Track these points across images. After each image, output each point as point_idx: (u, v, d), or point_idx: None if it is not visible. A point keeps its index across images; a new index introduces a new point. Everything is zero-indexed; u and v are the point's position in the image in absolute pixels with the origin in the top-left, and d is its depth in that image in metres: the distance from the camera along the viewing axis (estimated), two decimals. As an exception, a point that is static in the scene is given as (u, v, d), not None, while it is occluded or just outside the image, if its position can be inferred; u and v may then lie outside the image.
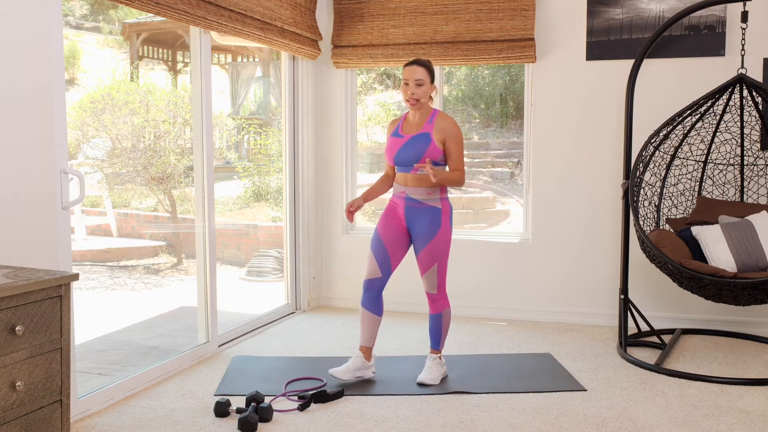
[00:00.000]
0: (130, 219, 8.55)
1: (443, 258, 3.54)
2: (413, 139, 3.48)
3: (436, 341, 3.67)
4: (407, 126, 3.56)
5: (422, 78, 3.44)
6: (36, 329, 2.23)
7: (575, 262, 4.91)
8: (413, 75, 3.44)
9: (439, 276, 3.55)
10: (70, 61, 12.74)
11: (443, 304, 3.62)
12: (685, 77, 4.61)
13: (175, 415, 3.21)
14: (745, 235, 3.99)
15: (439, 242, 3.51)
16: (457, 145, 3.46)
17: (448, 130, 3.46)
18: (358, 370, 3.62)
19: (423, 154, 3.44)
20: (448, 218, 3.55)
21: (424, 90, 3.46)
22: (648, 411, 3.26)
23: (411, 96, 3.44)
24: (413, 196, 3.53)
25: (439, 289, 3.57)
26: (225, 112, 10.47)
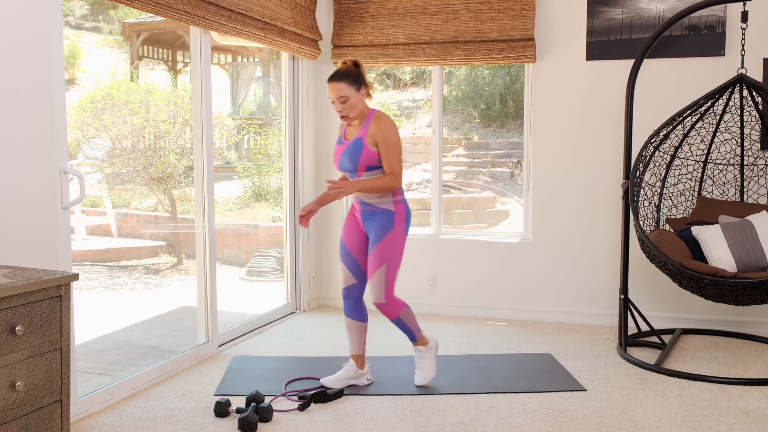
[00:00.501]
0: (130, 219, 8.55)
1: (392, 261, 3.36)
2: (350, 146, 3.36)
3: (411, 336, 3.54)
4: (349, 131, 3.45)
5: (345, 94, 3.27)
6: (36, 329, 2.23)
7: (575, 262, 4.91)
8: (335, 93, 3.28)
9: (387, 280, 3.36)
10: (70, 61, 12.74)
11: (395, 309, 3.42)
12: (685, 77, 4.61)
13: (175, 415, 3.21)
14: (745, 235, 3.99)
15: (388, 243, 3.35)
16: (388, 147, 3.29)
17: (378, 132, 3.29)
18: (350, 380, 3.57)
19: (359, 160, 3.33)
20: (403, 222, 3.40)
21: (351, 102, 3.30)
22: (648, 411, 3.26)
23: (340, 113, 3.33)
24: (365, 200, 3.43)
25: (386, 295, 3.37)
26: (225, 112, 10.47)
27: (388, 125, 3.31)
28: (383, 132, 3.30)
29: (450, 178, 9.16)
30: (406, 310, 3.48)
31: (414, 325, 3.52)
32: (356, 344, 3.58)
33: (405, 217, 3.42)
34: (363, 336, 3.58)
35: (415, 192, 8.68)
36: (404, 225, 3.42)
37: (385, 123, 3.32)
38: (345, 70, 3.32)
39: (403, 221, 3.41)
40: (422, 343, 3.58)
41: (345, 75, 3.29)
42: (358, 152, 3.33)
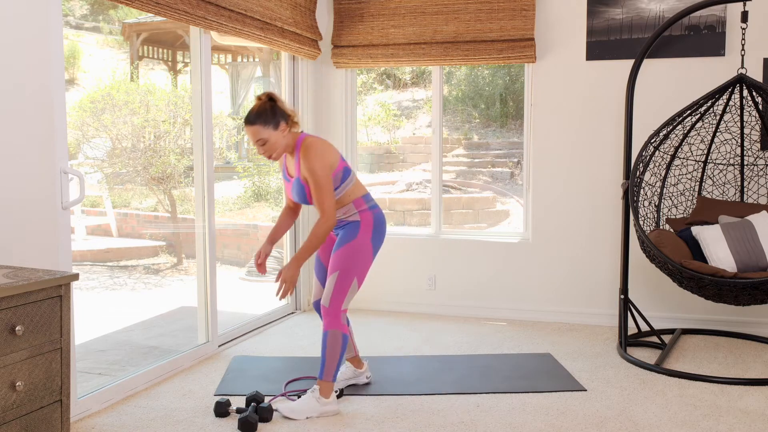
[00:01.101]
0: (130, 219, 8.55)
1: (346, 271, 3.16)
2: (294, 183, 3.20)
3: (321, 366, 3.20)
4: (289, 166, 3.25)
5: (262, 136, 3.04)
6: (36, 329, 2.23)
7: (575, 262, 4.91)
8: (252, 137, 3.06)
9: (336, 287, 3.16)
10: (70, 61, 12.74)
11: (332, 322, 3.17)
12: (685, 77, 4.61)
13: (175, 415, 3.21)
14: (745, 235, 3.99)
15: (346, 252, 3.17)
16: (313, 183, 3.06)
17: (303, 168, 3.09)
18: (349, 380, 3.56)
19: (306, 197, 3.17)
20: (369, 231, 3.21)
21: (272, 143, 3.06)
22: (648, 411, 3.26)
23: (263, 155, 3.12)
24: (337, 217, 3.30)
25: (331, 302, 3.17)
26: (225, 112, 10.47)
27: (312, 157, 3.05)
28: (308, 166, 3.06)
29: (450, 178, 9.16)
30: (337, 333, 3.17)
31: (331, 358, 3.18)
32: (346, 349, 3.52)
33: (372, 226, 3.23)
34: (350, 341, 3.52)
35: (415, 192, 8.69)
36: (370, 234, 3.22)
37: (308, 155, 3.06)
38: (258, 109, 3.07)
39: (369, 231, 3.22)
40: (325, 389, 3.20)
41: (258, 116, 3.05)
42: (302, 191, 3.17)
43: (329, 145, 3.16)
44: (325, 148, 3.11)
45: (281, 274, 3.06)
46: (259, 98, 3.13)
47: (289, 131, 3.14)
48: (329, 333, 3.18)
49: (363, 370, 3.60)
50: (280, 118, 3.08)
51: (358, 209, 3.24)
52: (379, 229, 3.27)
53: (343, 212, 3.24)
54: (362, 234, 3.21)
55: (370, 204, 3.29)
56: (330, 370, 3.19)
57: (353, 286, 3.19)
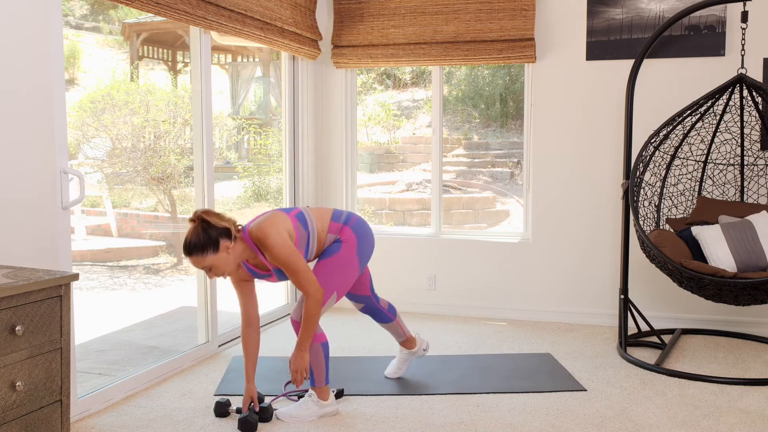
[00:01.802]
0: (130, 219, 8.55)
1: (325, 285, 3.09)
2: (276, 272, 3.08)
3: (310, 378, 3.18)
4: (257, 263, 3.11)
5: (206, 264, 2.86)
6: (36, 329, 2.23)
7: (575, 262, 4.91)
8: (196, 266, 2.89)
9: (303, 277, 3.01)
10: (70, 61, 12.74)
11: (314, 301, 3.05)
12: (685, 77, 4.61)
13: (175, 415, 3.21)
14: (745, 235, 3.99)
15: (329, 266, 3.11)
16: (285, 266, 2.93)
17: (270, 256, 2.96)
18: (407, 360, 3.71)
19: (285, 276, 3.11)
20: (352, 248, 3.15)
21: (218, 265, 2.88)
22: (648, 411, 3.26)
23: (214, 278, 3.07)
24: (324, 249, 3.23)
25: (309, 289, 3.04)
26: (225, 112, 10.46)
27: (270, 244, 2.91)
28: (272, 255, 2.92)
29: (450, 178, 9.17)
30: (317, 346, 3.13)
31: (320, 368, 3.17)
32: (396, 335, 3.64)
33: (355, 241, 3.17)
34: (399, 328, 3.61)
35: (415, 192, 8.69)
36: (354, 249, 3.16)
37: (266, 244, 2.91)
38: (192, 240, 2.85)
39: (353, 246, 3.16)
40: (322, 393, 3.20)
41: (194, 247, 2.84)
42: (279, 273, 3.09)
43: (272, 216, 3.01)
44: (272, 224, 2.96)
45: (291, 365, 3.02)
46: (191, 220, 2.90)
47: (234, 244, 2.92)
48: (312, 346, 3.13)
49: (416, 348, 3.70)
50: (218, 237, 2.86)
51: (335, 233, 3.18)
52: (364, 239, 3.21)
53: (326, 244, 3.19)
54: (345, 250, 3.14)
55: (343, 219, 3.21)
56: (320, 377, 3.18)
57: (332, 299, 3.13)
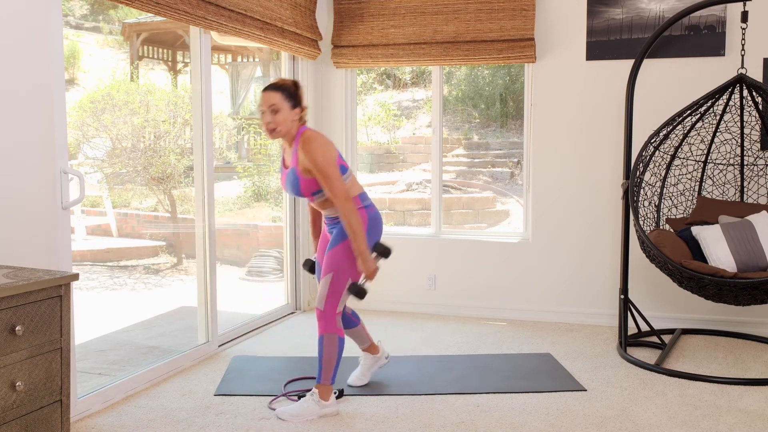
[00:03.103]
0: (130, 219, 8.55)
1: (341, 272, 3.13)
2: (288, 174, 3.16)
3: (318, 370, 3.20)
4: (286, 155, 3.24)
5: (277, 103, 3.03)
6: (36, 329, 2.23)
7: (575, 262, 4.91)
8: (267, 101, 3.04)
9: (330, 289, 3.14)
10: (70, 61, 12.73)
11: (328, 326, 3.15)
12: (685, 77, 4.61)
13: (175, 415, 3.21)
14: (745, 235, 3.99)
15: (341, 251, 3.14)
16: (321, 172, 3.02)
17: (306, 160, 3.05)
18: (371, 367, 3.64)
19: (300, 189, 3.13)
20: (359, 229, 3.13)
21: (283, 116, 3.04)
22: (648, 411, 3.26)
23: (267, 125, 3.06)
24: (329, 216, 3.27)
25: (326, 305, 3.15)
26: (225, 112, 10.46)
27: (313, 148, 3.03)
28: (311, 157, 3.02)
29: (450, 178, 9.17)
30: (333, 337, 3.15)
31: (328, 362, 3.17)
32: (360, 341, 3.61)
33: (367, 224, 3.17)
34: (363, 333, 3.59)
35: (415, 192, 8.69)
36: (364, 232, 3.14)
37: (310, 147, 3.03)
38: (282, 83, 3.11)
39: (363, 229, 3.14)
40: (324, 392, 3.19)
41: (281, 88, 3.08)
42: (297, 182, 3.12)
43: (329, 140, 3.16)
44: (326, 141, 3.11)
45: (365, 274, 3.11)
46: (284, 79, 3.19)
47: (298, 119, 3.13)
48: (325, 337, 3.16)
49: (380, 354, 3.66)
50: (299, 103, 3.12)
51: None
52: (375, 227, 3.22)
53: (336, 211, 3.20)
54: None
55: (366, 203, 3.23)
56: (328, 374, 3.18)
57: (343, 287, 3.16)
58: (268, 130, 3.08)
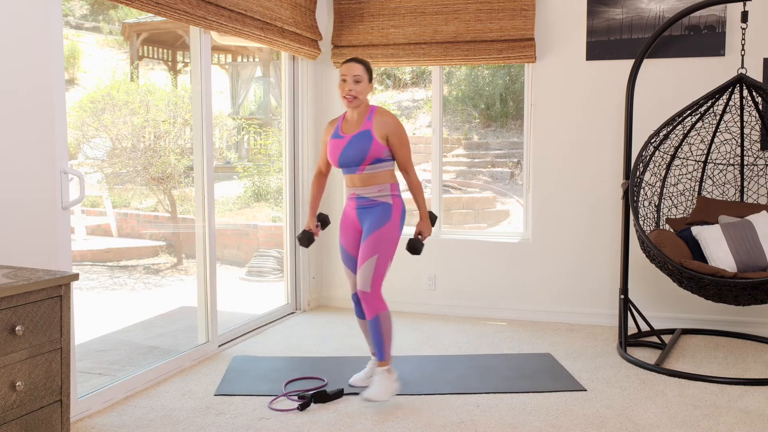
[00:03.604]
0: (130, 219, 8.55)
1: (385, 253, 3.31)
2: (355, 138, 3.34)
3: (380, 350, 3.36)
4: (346, 126, 3.42)
5: (360, 74, 3.32)
6: (36, 329, 2.23)
7: (575, 262, 4.91)
8: (351, 71, 3.31)
9: (376, 271, 3.29)
10: (70, 61, 12.73)
11: (378, 305, 3.32)
12: (685, 77, 4.61)
13: (175, 415, 3.21)
14: (745, 235, 3.99)
15: (383, 234, 3.32)
16: (400, 140, 3.34)
17: (388, 123, 3.32)
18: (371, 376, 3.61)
19: (367, 152, 3.30)
20: (399, 215, 3.40)
21: (363, 87, 3.33)
22: (648, 411, 3.26)
23: (348, 92, 3.31)
24: (364, 195, 3.40)
25: (373, 286, 3.30)
26: (225, 112, 10.46)
27: (396, 120, 3.35)
28: (394, 123, 3.34)
29: (450, 178, 9.16)
30: (386, 313, 3.35)
31: (388, 338, 3.36)
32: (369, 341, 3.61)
33: (401, 212, 3.41)
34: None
35: (415, 192, 8.66)
36: (400, 219, 3.41)
37: (392, 117, 3.36)
38: (363, 59, 3.42)
39: (400, 215, 3.40)
40: (390, 367, 3.42)
41: (363, 62, 3.38)
42: (367, 144, 3.30)
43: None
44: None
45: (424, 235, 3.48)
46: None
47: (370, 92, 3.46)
48: (380, 316, 3.33)
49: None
50: (371, 78, 3.41)
51: (392, 192, 3.41)
52: (404, 216, 3.45)
53: (378, 189, 3.38)
54: (395, 217, 3.38)
55: (400, 192, 3.47)
56: (389, 350, 3.39)
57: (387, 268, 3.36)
58: (348, 96, 3.33)
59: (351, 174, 3.41)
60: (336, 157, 3.40)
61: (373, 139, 3.31)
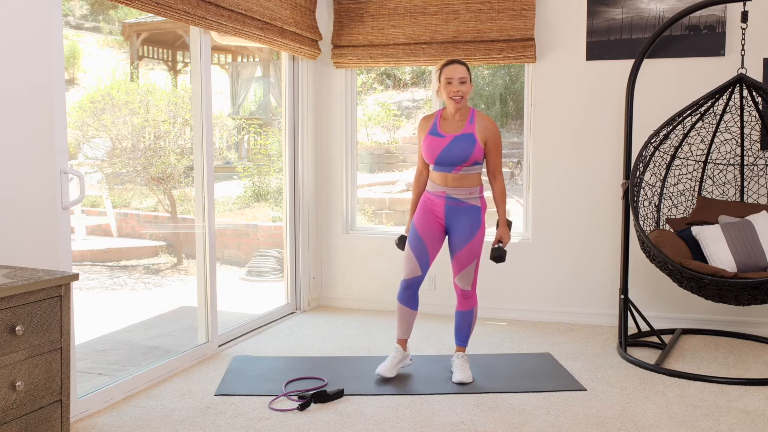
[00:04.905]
0: (130, 219, 8.55)
1: (479, 256, 3.60)
2: (457, 140, 3.48)
3: (465, 338, 3.71)
4: (445, 125, 3.55)
5: (465, 76, 3.48)
6: (36, 329, 2.23)
7: (575, 262, 4.91)
8: (456, 73, 3.46)
9: (475, 273, 3.61)
10: (70, 61, 12.73)
11: (475, 300, 3.67)
12: (685, 77, 4.61)
13: (175, 415, 3.21)
14: (745, 235, 3.99)
15: (478, 241, 3.56)
16: (497, 147, 3.52)
17: (490, 129, 3.51)
18: (400, 363, 3.73)
19: (470, 154, 3.46)
20: (484, 216, 3.61)
21: (467, 88, 3.49)
22: (648, 411, 3.26)
23: (456, 93, 3.45)
24: (454, 196, 3.55)
25: (473, 286, 3.62)
26: (225, 112, 10.46)
27: (496, 126, 3.54)
28: (495, 130, 3.51)
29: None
30: (477, 307, 3.72)
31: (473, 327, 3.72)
32: (406, 329, 3.73)
33: (485, 210, 3.62)
34: (412, 323, 3.75)
35: (415, 192, 8.66)
36: (485, 219, 3.63)
37: (494, 123, 3.53)
38: (464, 61, 3.56)
39: (484, 216, 3.62)
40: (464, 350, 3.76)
41: (465, 64, 3.52)
42: (471, 146, 3.46)
43: None
44: None
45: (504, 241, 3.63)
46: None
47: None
48: (475, 309, 3.68)
49: (407, 353, 3.80)
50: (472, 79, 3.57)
51: (480, 195, 3.61)
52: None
53: (469, 192, 3.55)
54: (483, 220, 3.59)
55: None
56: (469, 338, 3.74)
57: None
58: (456, 97, 3.46)
59: (445, 173, 3.53)
60: (435, 155, 3.51)
61: (476, 142, 3.47)
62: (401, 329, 3.73)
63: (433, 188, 3.60)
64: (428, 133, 3.56)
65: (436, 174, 3.57)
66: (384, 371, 3.67)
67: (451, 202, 3.55)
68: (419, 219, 3.62)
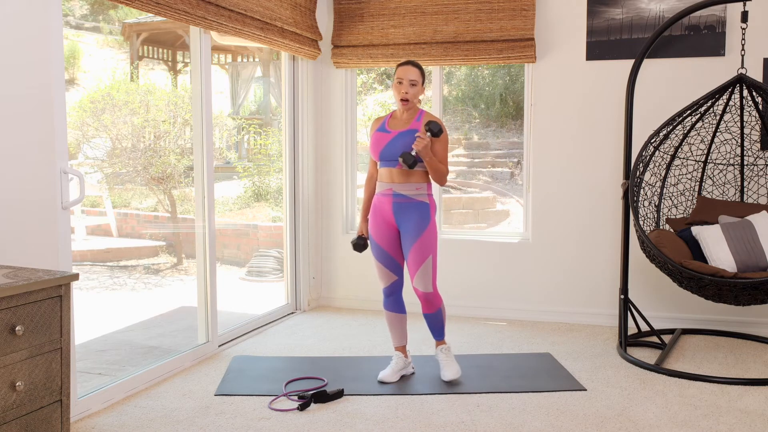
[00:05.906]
0: (130, 219, 8.55)
1: (434, 252, 3.52)
2: (402, 135, 3.49)
3: (440, 332, 3.68)
4: (394, 122, 3.57)
5: (416, 79, 3.49)
6: (36, 329, 2.23)
7: (575, 262, 4.91)
8: (407, 75, 3.48)
9: (433, 271, 3.53)
10: (70, 61, 12.73)
11: (438, 301, 3.59)
12: (685, 77, 4.61)
13: (175, 415, 3.21)
14: (745, 235, 3.99)
15: (428, 237, 3.50)
16: (442, 144, 3.49)
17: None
18: (402, 370, 3.71)
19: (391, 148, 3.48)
20: (434, 214, 3.57)
21: (416, 90, 3.50)
22: (648, 411, 3.26)
23: (404, 95, 3.48)
24: (401, 192, 3.51)
25: (433, 285, 3.55)
26: (225, 112, 10.46)
27: (446, 135, 3.52)
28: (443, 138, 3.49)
29: (450, 178, 9.16)
30: (443, 305, 3.65)
31: (445, 321, 3.69)
32: (400, 336, 3.72)
33: (435, 209, 3.60)
34: (404, 327, 3.72)
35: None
36: (435, 216, 3.59)
37: (439, 120, 3.50)
38: (419, 63, 3.61)
39: (434, 213, 3.58)
40: (444, 342, 3.73)
41: (419, 67, 3.55)
42: (411, 141, 3.45)
43: None
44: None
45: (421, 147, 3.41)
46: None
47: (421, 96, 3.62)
48: (441, 309, 3.62)
49: (409, 360, 3.78)
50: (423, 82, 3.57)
51: (428, 192, 3.56)
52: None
53: (416, 188, 3.51)
54: (432, 217, 3.54)
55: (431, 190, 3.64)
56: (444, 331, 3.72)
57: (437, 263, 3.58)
58: (403, 98, 3.50)
59: (390, 168, 3.53)
60: (379, 150, 3.53)
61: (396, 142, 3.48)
62: (395, 337, 3.71)
63: (381, 188, 3.57)
64: (376, 131, 3.59)
65: (383, 171, 3.56)
66: (385, 377, 3.65)
67: (398, 199, 3.51)
68: (374, 230, 3.60)
